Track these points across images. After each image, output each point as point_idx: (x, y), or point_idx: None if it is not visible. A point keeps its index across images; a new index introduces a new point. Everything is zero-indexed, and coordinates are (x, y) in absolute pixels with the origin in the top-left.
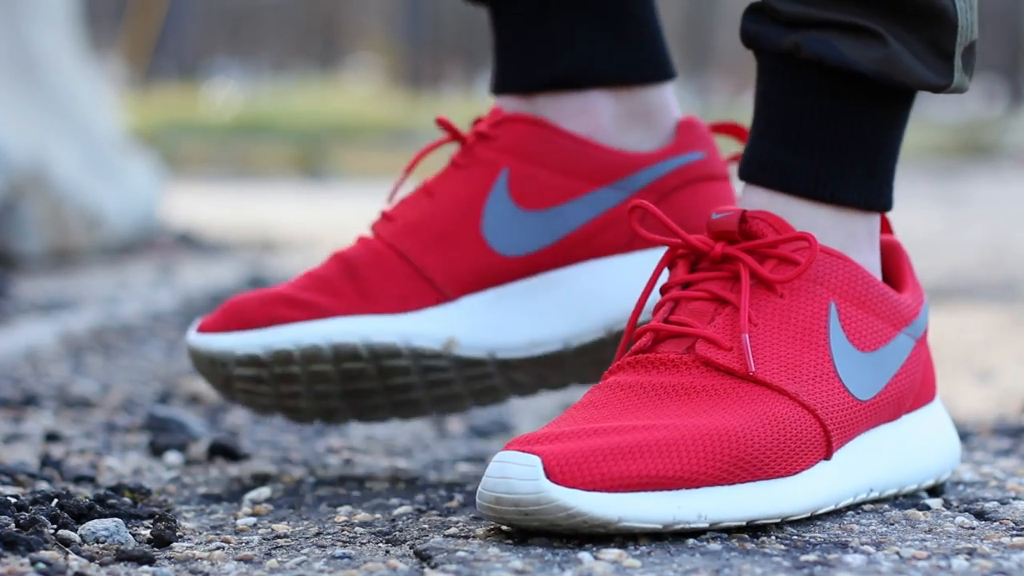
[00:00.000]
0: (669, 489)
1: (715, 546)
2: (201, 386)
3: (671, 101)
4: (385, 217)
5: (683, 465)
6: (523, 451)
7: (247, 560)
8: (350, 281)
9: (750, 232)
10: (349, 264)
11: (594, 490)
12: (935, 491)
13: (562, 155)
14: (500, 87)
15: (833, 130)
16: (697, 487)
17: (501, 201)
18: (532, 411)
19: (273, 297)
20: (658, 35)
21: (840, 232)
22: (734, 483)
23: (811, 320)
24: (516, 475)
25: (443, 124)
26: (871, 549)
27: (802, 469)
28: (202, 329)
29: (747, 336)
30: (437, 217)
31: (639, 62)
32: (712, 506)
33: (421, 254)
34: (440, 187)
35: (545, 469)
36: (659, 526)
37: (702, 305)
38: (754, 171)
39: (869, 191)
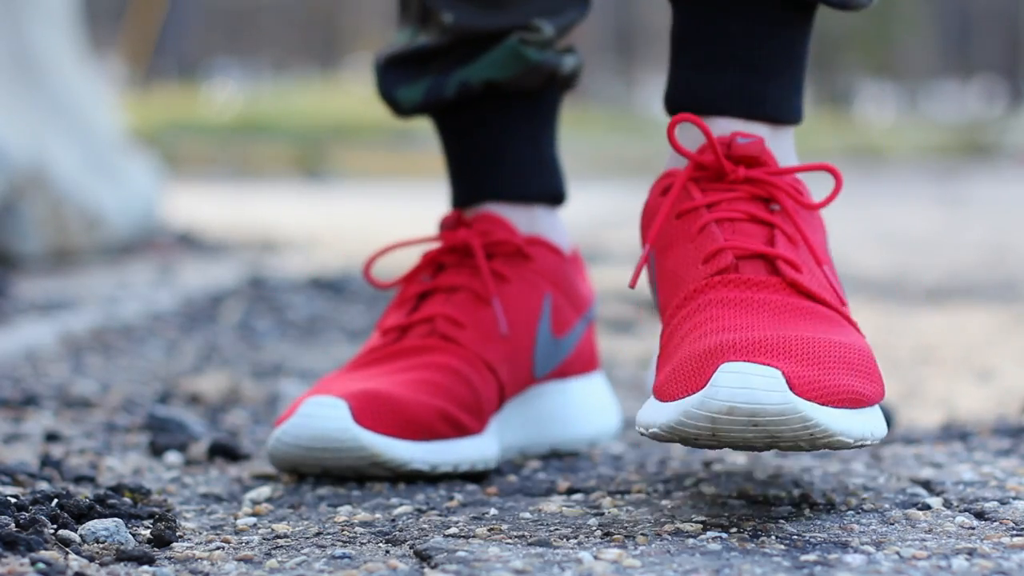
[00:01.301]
0: (861, 407)
1: (715, 546)
2: (201, 386)
3: None
4: (451, 321)
5: (868, 385)
6: (761, 363)
7: (247, 560)
8: (474, 398)
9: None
10: (466, 379)
11: (827, 404)
12: (933, 489)
13: (570, 284)
14: (500, 192)
15: (790, 56)
16: (871, 405)
17: (545, 329)
18: None
19: (437, 412)
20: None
21: (788, 146)
22: (878, 402)
23: (824, 244)
24: (760, 386)
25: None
26: (871, 549)
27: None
28: (363, 423)
29: (827, 268)
30: (505, 336)
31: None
32: (875, 424)
33: (500, 371)
34: (497, 297)
35: (788, 382)
36: (852, 441)
37: (747, 226)
38: (723, 101)
39: (802, 108)
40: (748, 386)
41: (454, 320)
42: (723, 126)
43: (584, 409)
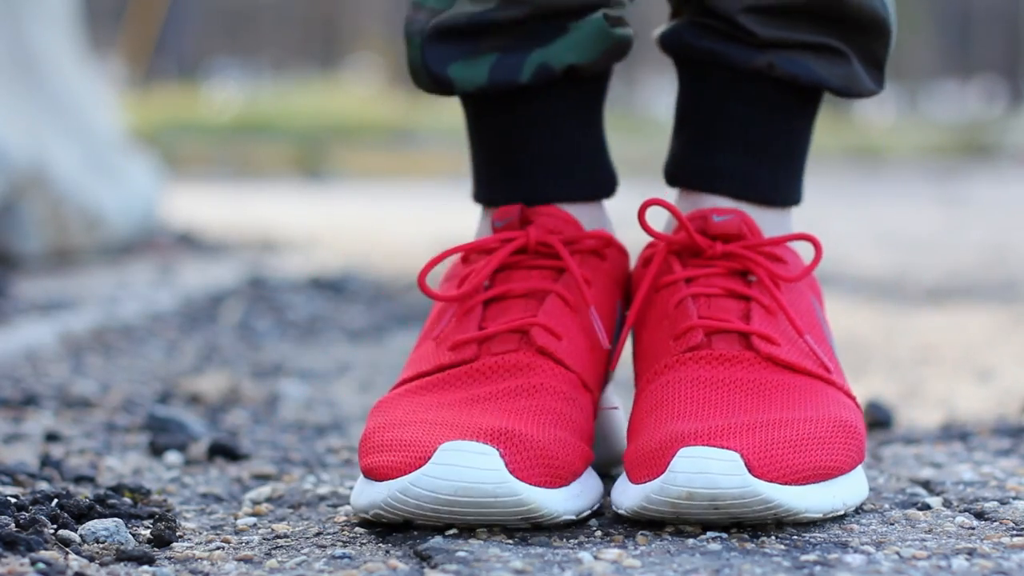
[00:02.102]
0: (829, 479)
1: (715, 546)
2: (201, 386)
3: None
4: (547, 331)
5: (836, 456)
6: (720, 447)
7: (247, 560)
8: (587, 423)
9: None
10: (577, 403)
11: (791, 483)
12: (933, 490)
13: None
14: (574, 192)
15: (789, 141)
16: (841, 475)
17: (616, 342)
18: None
19: (574, 448)
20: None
21: (781, 228)
22: (854, 468)
23: (811, 311)
24: (718, 470)
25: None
26: (871, 549)
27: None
28: (517, 474)
29: (810, 337)
30: (596, 352)
31: None
32: (847, 492)
33: (595, 390)
34: (581, 303)
35: (747, 464)
36: (820, 515)
37: (723, 302)
38: (715, 180)
39: (800, 190)
40: (706, 471)
41: (551, 331)
42: (713, 203)
43: (617, 431)
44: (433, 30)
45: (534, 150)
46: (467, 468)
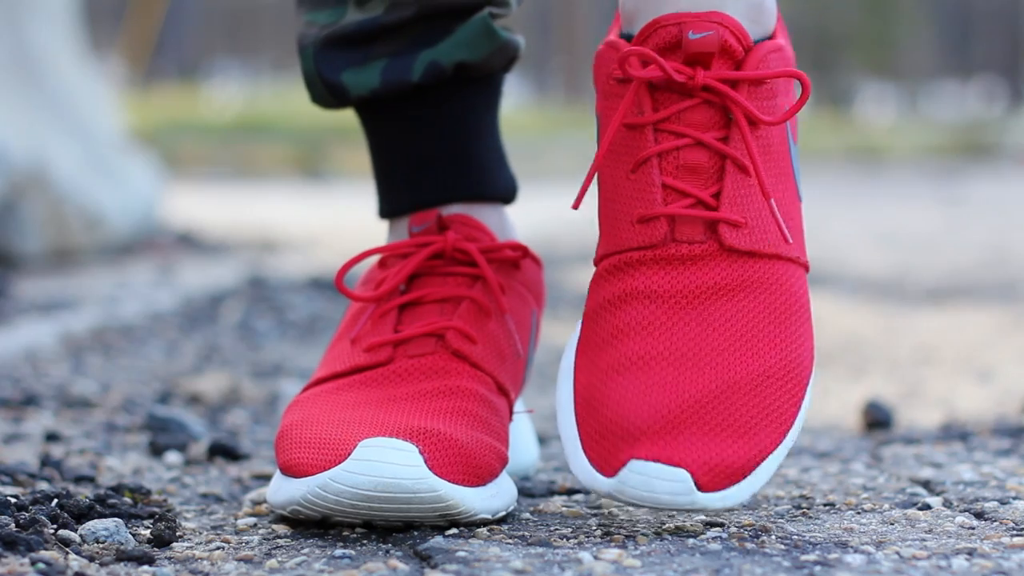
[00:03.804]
0: (757, 465)
1: (715, 546)
2: (201, 386)
3: None
4: (463, 335)
5: (764, 433)
6: (668, 463)
7: (247, 560)
8: (501, 425)
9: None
10: (492, 405)
11: (731, 484)
12: (932, 489)
13: (543, 299)
14: (473, 190)
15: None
16: (763, 459)
17: (531, 349)
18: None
19: (491, 449)
20: None
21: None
22: (778, 442)
23: (785, 157)
24: (666, 490)
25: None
26: (871, 549)
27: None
28: (436, 471)
29: (775, 201)
30: (511, 357)
31: None
32: (763, 472)
33: (511, 394)
34: (496, 309)
35: (696, 481)
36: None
37: (695, 155)
38: None
39: None
40: (653, 490)
41: (467, 335)
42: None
43: (525, 437)
44: (324, 40)
45: (429, 152)
46: (387, 464)
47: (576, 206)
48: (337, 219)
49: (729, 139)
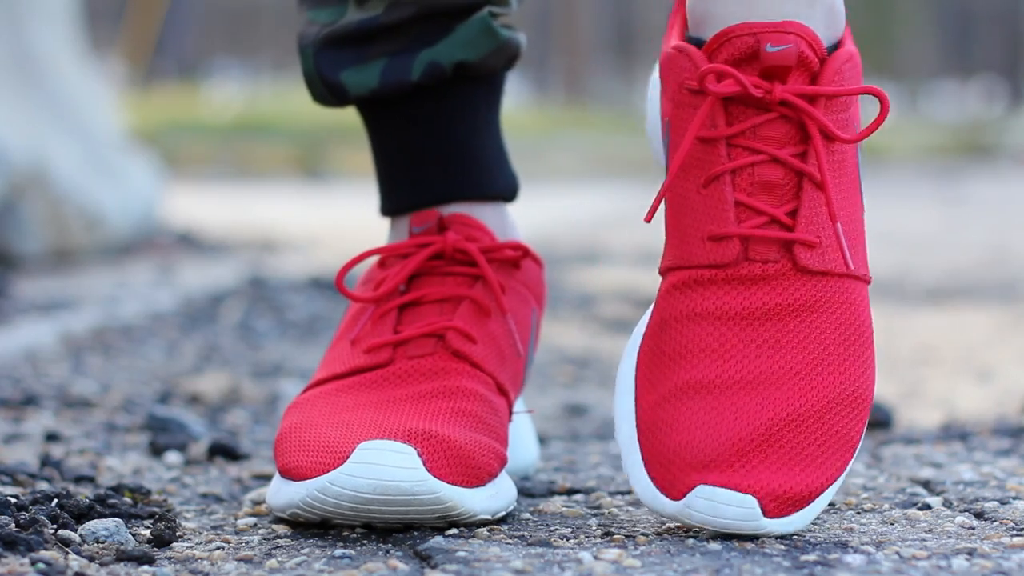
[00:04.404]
0: (819, 494)
1: (715, 546)
2: (201, 386)
3: None
4: (463, 335)
5: (833, 459)
6: (734, 489)
7: (247, 560)
8: (501, 425)
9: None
10: (492, 406)
11: (789, 513)
12: (933, 489)
13: (544, 300)
14: (473, 190)
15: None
16: (825, 488)
17: (531, 350)
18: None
19: (491, 450)
20: None
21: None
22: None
23: (854, 177)
24: (732, 516)
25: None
26: (871, 549)
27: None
28: (435, 473)
29: (840, 225)
30: (512, 357)
31: None
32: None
33: (510, 394)
34: (496, 309)
35: (761, 505)
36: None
37: (771, 172)
38: None
39: None
40: (720, 515)
41: (467, 335)
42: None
43: (525, 437)
44: (325, 39)
45: (429, 151)
46: (385, 467)
47: (649, 219)
48: (337, 219)
49: (806, 156)
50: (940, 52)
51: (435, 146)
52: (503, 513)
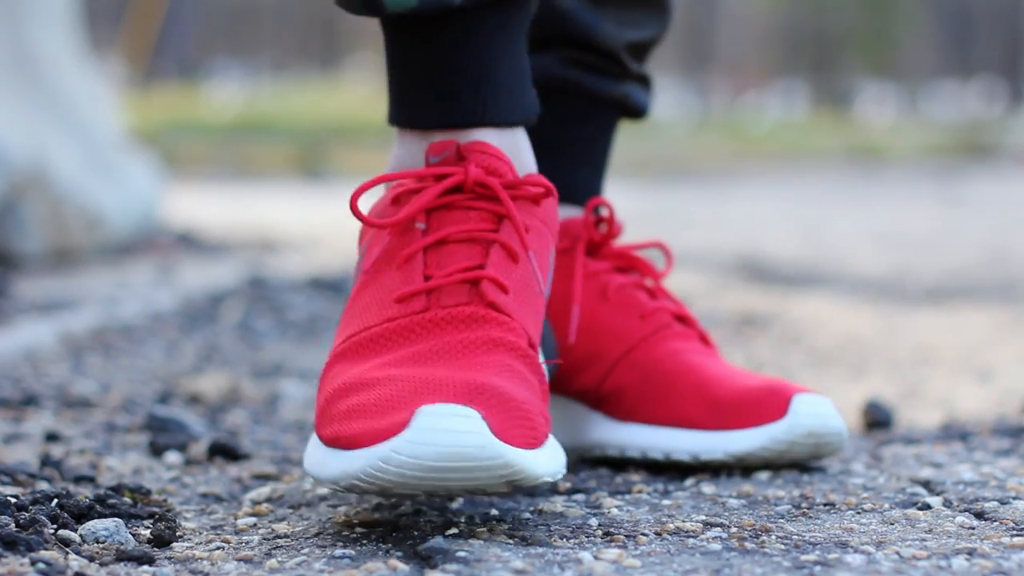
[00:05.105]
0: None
1: (715, 546)
2: (201, 386)
3: None
4: (497, 285)
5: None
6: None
7: (247, 560)
8: (541, 383)
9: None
10: (528, 357)
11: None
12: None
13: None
14: (498, 115)
15: (608, 153)
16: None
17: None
18: None
19: (539, 408)
20: None
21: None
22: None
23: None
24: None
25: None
26: (871, 549)
27: None
28: (500, 436)
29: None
30: (537, 299)
31: None
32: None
33: (537, 349)
34: (523, 252)
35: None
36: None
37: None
38: (574, 194)
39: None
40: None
41: (500, 284)
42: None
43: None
44: None
45: (459, 72)
46: (451, 432)
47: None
48: (337, 219)
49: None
50: (940, 52)
51: (465, 68)
52: (560, 475)
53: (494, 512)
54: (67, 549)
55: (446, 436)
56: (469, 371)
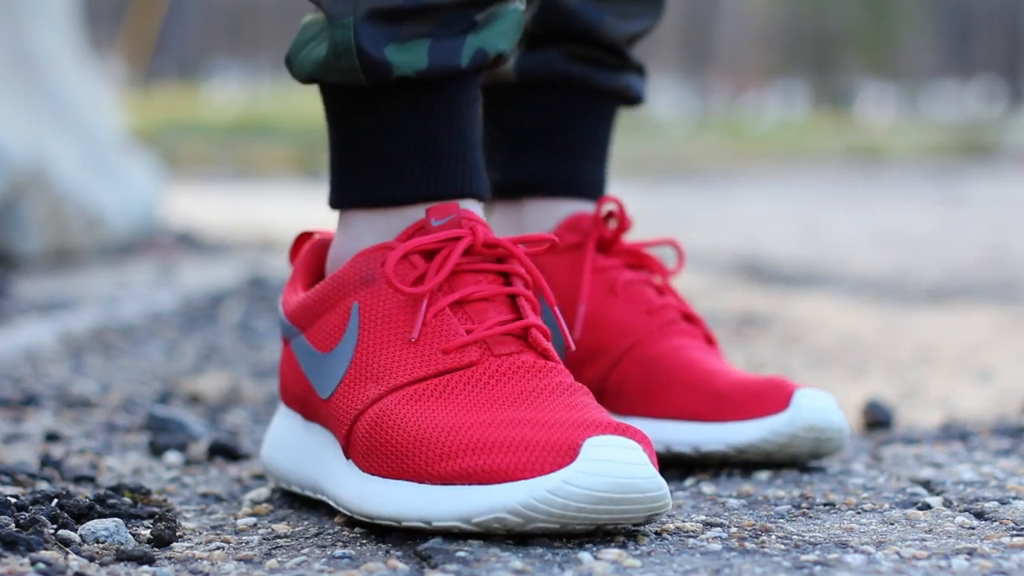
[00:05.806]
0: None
1: (715, 546)
2: (201, 386)
3: None
4: (542, 331)
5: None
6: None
7: (247, 560)
8: None
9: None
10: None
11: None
12: (933, 489)
13: None
14: (482, 187)
15: (608, 144)
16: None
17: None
18: None
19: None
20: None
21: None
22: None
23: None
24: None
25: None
26: (871, 549)
27: None
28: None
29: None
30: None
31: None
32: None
33: None
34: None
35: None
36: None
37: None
38: (581, 188)
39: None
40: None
41: (544, 332)
42: (573, 207)
43: None
44: (369, 12)
45: (452, 141)
46: (622, 463)
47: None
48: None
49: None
50: (940, 52)
51: (456, 137)
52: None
53: None
54: (67, 549)
55: (619, 467)
56: (586, 411)
